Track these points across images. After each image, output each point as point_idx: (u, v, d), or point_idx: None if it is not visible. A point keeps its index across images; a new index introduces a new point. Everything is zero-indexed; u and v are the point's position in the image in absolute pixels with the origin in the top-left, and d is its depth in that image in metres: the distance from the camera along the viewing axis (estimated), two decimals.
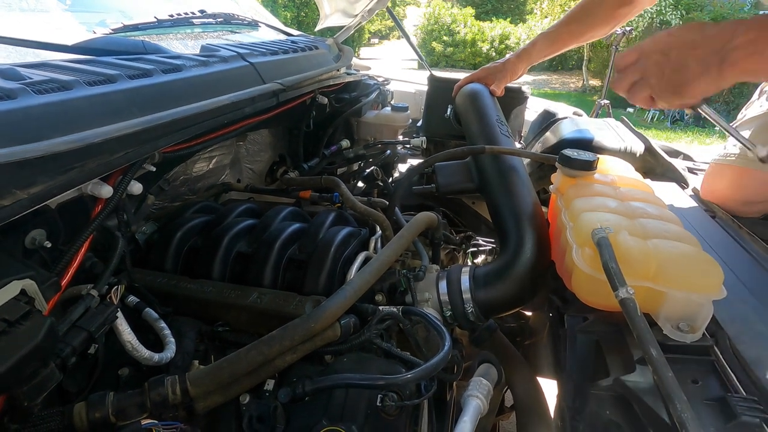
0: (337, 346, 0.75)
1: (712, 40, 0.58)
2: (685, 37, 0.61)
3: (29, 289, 0.48)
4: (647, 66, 0.64)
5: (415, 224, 0.94)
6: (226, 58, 0.89)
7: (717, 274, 0.60)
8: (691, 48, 0.60)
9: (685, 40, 0.61)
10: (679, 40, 0.61)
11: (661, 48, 0.63)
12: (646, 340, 0.53)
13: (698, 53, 0.59)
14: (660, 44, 0.63)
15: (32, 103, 0.53)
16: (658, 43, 0.63)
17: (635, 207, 0.77)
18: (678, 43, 0.61)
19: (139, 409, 0.57)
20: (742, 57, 0.55)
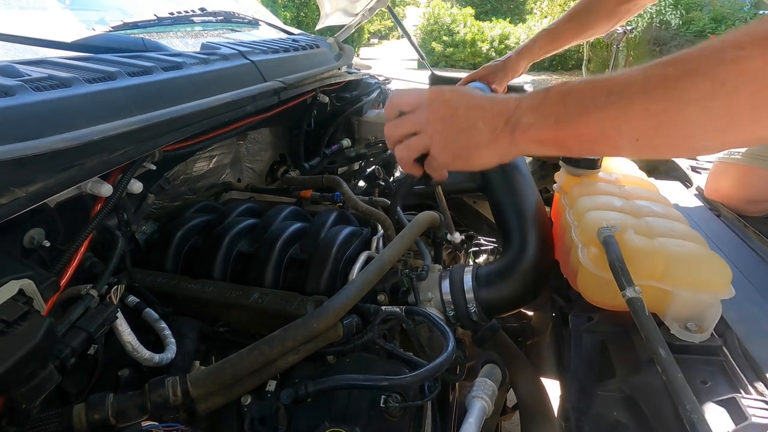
0: (340, 347, 0.74)
1: (502, 105, 0.53)
2: (471, 97, 0.55)
3: (27, 289, 0.47)
4: (429, 118, 0.56)
5: (417, 223, 0.93)
6: (227, 56, 0.88)
7: (725, 273, 0.59)
8: (479, 110, 0.54)
9: (473, 100, 0.55)
10: (466, 98, 0.55)
11: (446, 101, 0.56)
12: (654, 340, 0.52)
13: (488, 117, 0.53)
14: (446, 97, 0.56)
15: (31, 100, 0.53)
16: (444, 95, 0.56)
17: (641, 206, 0.77)
18: (465, 101, 0.55)
19: (139, 411, 0.56)
20: (532, 123, 0.50)
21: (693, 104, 0.41)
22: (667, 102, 0.42)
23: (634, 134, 0.45)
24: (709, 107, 0.40)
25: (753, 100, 0.39)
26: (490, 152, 0.54)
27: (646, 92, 0.43)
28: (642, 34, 7.90)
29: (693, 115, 0.41)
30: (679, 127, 0.43)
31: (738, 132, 0.42)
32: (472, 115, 0.54)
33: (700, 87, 0.40)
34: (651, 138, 0.44)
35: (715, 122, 0.41)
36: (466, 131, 0.54)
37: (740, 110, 0.40)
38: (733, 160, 0.94)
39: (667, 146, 0.45)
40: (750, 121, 0.40)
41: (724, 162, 0.96)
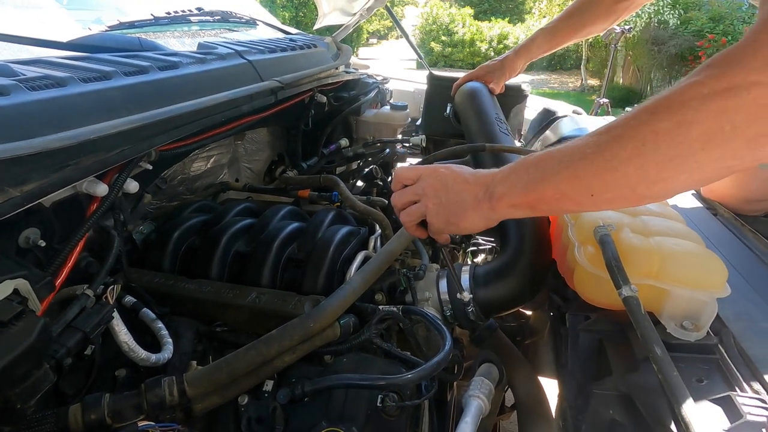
0: (337, 346, 0.74)
1: (481, 178, 0.64)
2: (459, 173, 0.66)
3: (22, 289, 0.47)
4: (425, 189, 0.67)
5: None
6: (224, 56, 0.88)
7: (721, 272, 0.59)
8: (465, 183, 0.65)
9: (460, 175, 0.66)
10: (454, 174, 0.66)
11: (439, 176, 0.67)
12: (650, 339, 0.52)
13: (471, 188, 0.64)
14: (438, 173, 0.67)
15: (25, 99, 0.52)
16: (437, 171, 0.68)
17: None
18: (453, 177, 0.66)
19: (135, 411, 0.56)
20: (505, 192, 0.59)
21: (626, 163, 0.49)
22: (603, 163, 0.50)
23: (587, 192, 0.53)
24: (639, 164, 0.48)
25: (670, 155, 0.46)
26: (475, 217, 0.63)
27: (585, 157, 0.52)
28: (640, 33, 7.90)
29: (629, 171, 0.49)
30: (621, 182, 0.50)
31: (672, 180, 0.48)
32: (459, 188, 0.65)
33: (627, 148, 0.48)
34: (603, 193, 0.52)
35: (649, 175, 0.48)
36: (454, 201, 0.65)
37: (664, 163, 0.47)
38: None
39: (620, 199, 0.52)
40: (677, 173, 0.47)
41: None
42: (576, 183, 0.53)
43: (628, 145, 0.48)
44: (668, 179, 0.48)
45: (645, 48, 7.98)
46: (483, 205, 0.62)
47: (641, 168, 0.48)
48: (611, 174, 0.50)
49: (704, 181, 0.51)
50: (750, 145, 0.43)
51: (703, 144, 0.44)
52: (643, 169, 0.48)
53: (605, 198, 0.52)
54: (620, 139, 0.49)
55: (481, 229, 0.65)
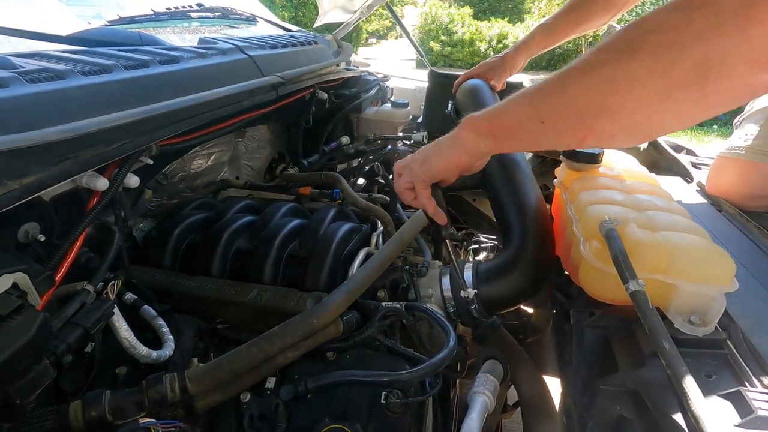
0: (340, 343, 0.73)
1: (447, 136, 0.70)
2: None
3: (21, 283, 0.47)
4: (408, 159, 0.75)
5: (417, 220, 0.92)
6: (225, 51, 0.87)
7: (728, 266, 0.59)
8: (435, 143, 0.72)
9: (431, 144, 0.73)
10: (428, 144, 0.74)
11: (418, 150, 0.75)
12: (658, 334, 0.52)
13: (447, 135, 0.70)
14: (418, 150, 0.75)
15: (24, 91, 0.52)
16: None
17: (642, 199, 0.76)
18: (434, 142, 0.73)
19: (136, 408, 0.56)
20: (472, 120, 0.64)
21: (574, 84, 0.50)
22: (554, 86, 0.52)
23: (538, 118, 0.54)
24: (586, 84, 0.49)
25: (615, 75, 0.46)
26: (445, 146, 0.68)
27: (542, 86, 0.54)
28: None
29: (576, 93, 0.50)
30: (569, 105, 0.50)
31: (619, 110, 0.47)
32: (436, 143, 0.71)
33: (577, 68, 0.49)
34: (553, 121, 0.53)
35: (596, 97, 0.48)
36: (430, 148, 0.71)
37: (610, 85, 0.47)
38: (734, 155, 0.93)
39: (569, 129, 0.52)
40: (624, 100, 0.46)
41: (725, 157, 0.96)
42: (530, 109, 0.55)
43: (579, 65, 0.49)
44: (615, 108, 0.47)
45: None
46: (454, 135, 0.66)
47: (588, 88, 0.48)
48: (560, 96, 0.51)
49: (653, 122, 0.47)
50: (697, 70, 0.40)
51: (650, 67, 0.43)
52: (589, 89, 0.48)
53: (555, 128, 0.53)
54: (573, 66, 0.50)
55: (452, 166, 0.68)
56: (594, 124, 0.49)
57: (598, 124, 0.49)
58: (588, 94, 0.48)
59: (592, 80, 0.48)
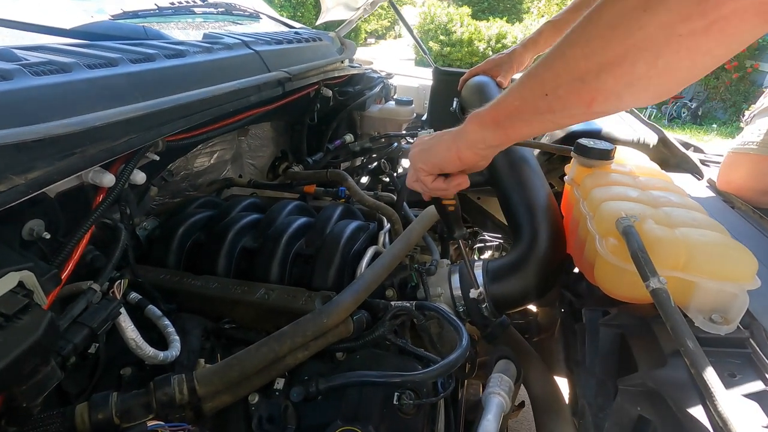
0: (350, 343, 0.72)
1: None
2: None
3: (27, 282, 0.45)
4: (412, 150, 0.72)
5: (425, 217, 0.91)
6: (231, 46, 0.86)
7: (750, 263, 0.57)
8: (439, 133, 0.69)
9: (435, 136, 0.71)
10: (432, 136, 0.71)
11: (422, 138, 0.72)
12: (681, 333, 0.50)
13: (451, 129, 0.67)
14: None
15: (29, 84, 0.50)
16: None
17: (657, 196, 0.75)
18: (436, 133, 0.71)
19: (144, 410, 0.54)
20: (476, 114, 0.61)
21: (572, 45, 0.47)
22: (553, 53, 0.49)
23: (541, 90, 0.51)
24: (584, 41, 0.46)
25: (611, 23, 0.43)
26: (448, 139, 0.66)
27: (542, 60, 0.52)
28: None
29: (576, 53, 0.47)
30: (570, 68, 0.48)
31: (622, 63, 0.44)
32: (440, 134, 0.69)
33: (573, 31, 0.47)
34: (555, 89, 0.50)
35: (595, 54, 0.45)
36: (435, 136, 0.69)
37: (607, 36, 0.44)
38: (746, 150, 0.92)
39: (573, 95, 0.49)
40: (624, 49, 0.43)
41: (737, 152, 0.95)
42: (532, 84, 0.53)
43: (575, 26, 0.47)
44: (616, 60, 0.43)
45: None
46: (458, 129, 0.64)
47: (585, 45, 0.45)
48: (560, 62, 0.48)
49: (661, 70, 0.43)
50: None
51: (644, 3, 0.40)
52: (587, 45, 0.45)
53: (558, 95, 0.49)
54: (571, 29, 0.48)
55: (456, 161, 0.66)
56: (597, 84, 0.46)
57: (602, 83, 0.46)
58: (586, 51, 0.45)
59: (589, 34, 0.45)
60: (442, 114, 1.53)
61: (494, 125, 0.59)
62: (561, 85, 0.49)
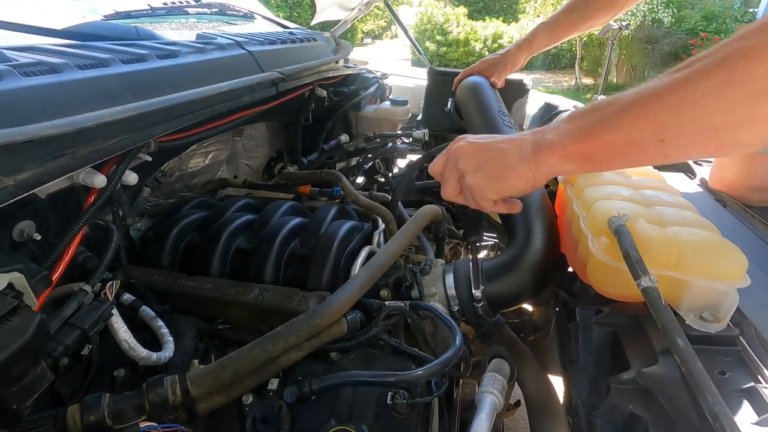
0: (344, 343, 0.72)
1: (526, 134, 0.59)
2: (496, 136, 0.62)
3: (17, 283, 0.45)
4: (460, 159, 0.62)
5: (420, 217, 0.91)
6: (224, 46, 0.86)
7: (740, 261, 0.58)
8: (506, 139, 0.60)
9: (498, 136, 0.62)
10: (492, 136, 0.62)
11: (472, 142, 0.62)
12: (671, 330, 0.51)
13: (514, 141, 0.59)
14: (470, 140, 0.63)
15: (19, 85, 0.50)
16: (467, 139, 0.63)
17: (649, 195, 0.75)
18: (491, 137, 0.62)
19: (137, 411, 0.54)
20: (556, 140, 0.54)
21: (709, 95, 0.42)
22: (681, 97, 0.43)
23: (657, 135, 0.46)
24: (728, 97, 0.41)
25: (764, 86, 0.39)
26: (522, 170, 0.57)
27: (658, 94, 0.45)
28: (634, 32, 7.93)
29: (712, 106, 0.42)
30: (701, 120, 0.43)
31: (763, 120, 0.41)
32: (499, 144, 0.59)
33: (713, 77, 0.41)
34: (676, 137, 0.45)
35: (736, 110, 0.41)
36: (496, 156, 0.59)
37: (756, 96, 0.40)
38: None
39: (695, 144, 0.46)
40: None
41: None
42: (644, 124, 0.46)
43: (716, 74, 0.41)
44: (759, 118, 0.41)
45: (639, 46, 8.02)
46: (530, 159, 0.56)
47: (729, 102, 0.41)
48: (689, 110, 0.43)
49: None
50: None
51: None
52: (730, 103, 0.41)
53: (678, 143, 0.45)
54: (706, 68, 0.42)
55: (529, 188, 0.59)
56: (731, 137, 0.43)
57: (737, 137, 0.43)
58: (727, 107, 0.41)
59: (737, 92, 0.41)
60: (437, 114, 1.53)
61: (584, 159, 0.53)
62: (685, 134, 0.45)
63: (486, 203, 0.63)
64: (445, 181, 0.64)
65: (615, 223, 0.62)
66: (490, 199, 0.62)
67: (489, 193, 0.61)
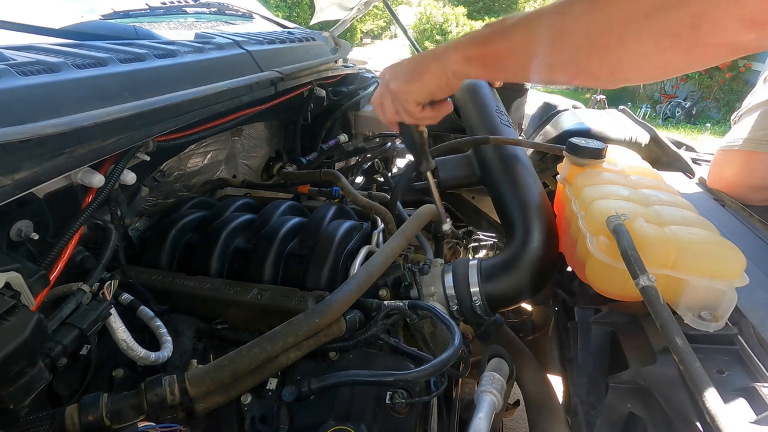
0: (342, 343, 0.72)
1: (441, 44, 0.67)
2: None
3: (15, 283, 0.45)
4: (386, 76, 0.70)
5: (419, 216, 0.91)
6: (222, 45, 0.85)
7: (739, 260, 0.58)
8: (423, 52, 0.69)
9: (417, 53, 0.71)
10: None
11: (396, 61, 0.71)
12: (670, 330, 0.51)
13: (430, 51, 0.66)
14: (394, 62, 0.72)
15: (16, 84, 0.50)
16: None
17: (648, 194, 0.75)
18: (410, 56, 0.71)
19: (135, 411, 0.54)
20: (463, 43, 0.61)
21: (575, 19, 0.48)
22: (554, 18, 0.50)
23: (532, 50, 0.52)
24: (586, 21, 0.47)
25: (614, 18, 0.45)
26: (433, 67, 0.64)
27: (540, 14, 0.52)
28: None
29: (576, 29, 0.48)
30: (566, 42, 0.49)
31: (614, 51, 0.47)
32: (417, 56, 0.68)
33: (579, 3, 0.48)
34: (546, 55, 0.51)
35: (593, 37, 0.47)
36: (413, 61, 0.68)
37: (608, 26, 0.46)
38: (735, 148, 0.93)
39: (561, 66, 0.52)
40: (619, 42, 0.46)
41: (726, 150, 0.96)
42: (525, 38, 0.53)
43: (582, 1, 0.48)
44: (607, 49, 0.47)
45: None
46: (442, 57, 0.63)
47: (588, 25, 0.47)
48: (559, 31, 0.50)
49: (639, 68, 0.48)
50: (692, 21, 0.41)
51: (648, 12, 0.44)
52: (588, 27, 0.48)
53: (547, 62, 0.52)
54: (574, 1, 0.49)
55: (444, 88, 0.65)
56: (585, 64, 0.49)
57: (589, 65, 0.49)
58: (586, 32, 0.48)
59: (593, 17, 0.47)
60: None
61: (480, 62, 0.60)
62: (553, 53, 0.51)
63: (413, 108, 0.68)
64: (382, 105, 0.72)
65: (613, 222, 0.62)
66: (415, 101, 0.67)
67: (411, 95, 0.67)
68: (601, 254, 0.64)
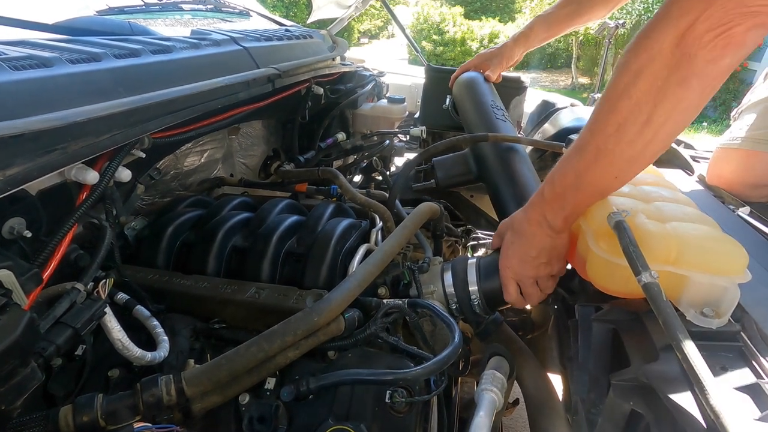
0: (341, 342, 0.71)
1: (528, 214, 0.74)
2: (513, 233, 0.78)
3: (6, 281, 0.44)
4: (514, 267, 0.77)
5: (418, 214, 0.91)
6: (219, 42, 0.84)
7: (741, 256, 0.57)
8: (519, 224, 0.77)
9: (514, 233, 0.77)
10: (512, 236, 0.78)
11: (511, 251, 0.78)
12: (673, 327, 0.50)
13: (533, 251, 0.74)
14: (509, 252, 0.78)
15: (8, 79, 0.49)
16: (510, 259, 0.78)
17: (649, 191, 0.75)
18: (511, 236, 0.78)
19: (130, 412, 0.53)
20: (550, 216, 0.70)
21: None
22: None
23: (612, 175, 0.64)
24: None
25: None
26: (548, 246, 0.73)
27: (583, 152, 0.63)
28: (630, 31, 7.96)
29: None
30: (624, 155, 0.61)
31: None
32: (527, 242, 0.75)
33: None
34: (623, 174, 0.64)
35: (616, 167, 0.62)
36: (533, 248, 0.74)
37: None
38: (734, 145, 0.93)
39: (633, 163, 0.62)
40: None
41: (725, 148, 0.95)
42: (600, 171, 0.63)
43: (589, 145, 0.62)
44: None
45: None
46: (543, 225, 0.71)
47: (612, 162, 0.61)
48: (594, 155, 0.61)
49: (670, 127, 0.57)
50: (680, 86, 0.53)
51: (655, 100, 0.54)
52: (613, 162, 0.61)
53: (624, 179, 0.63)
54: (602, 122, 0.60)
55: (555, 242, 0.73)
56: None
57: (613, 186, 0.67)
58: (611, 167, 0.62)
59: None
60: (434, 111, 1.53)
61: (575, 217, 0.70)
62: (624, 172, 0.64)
63: (548, 280, 0.78)
64: (527, 293, 0.79)
65: (614, 218, 0.62)
66: (547, 274, 0.76)
67: (540, 270, 0.75)
68: (602, 251, 0.63)
